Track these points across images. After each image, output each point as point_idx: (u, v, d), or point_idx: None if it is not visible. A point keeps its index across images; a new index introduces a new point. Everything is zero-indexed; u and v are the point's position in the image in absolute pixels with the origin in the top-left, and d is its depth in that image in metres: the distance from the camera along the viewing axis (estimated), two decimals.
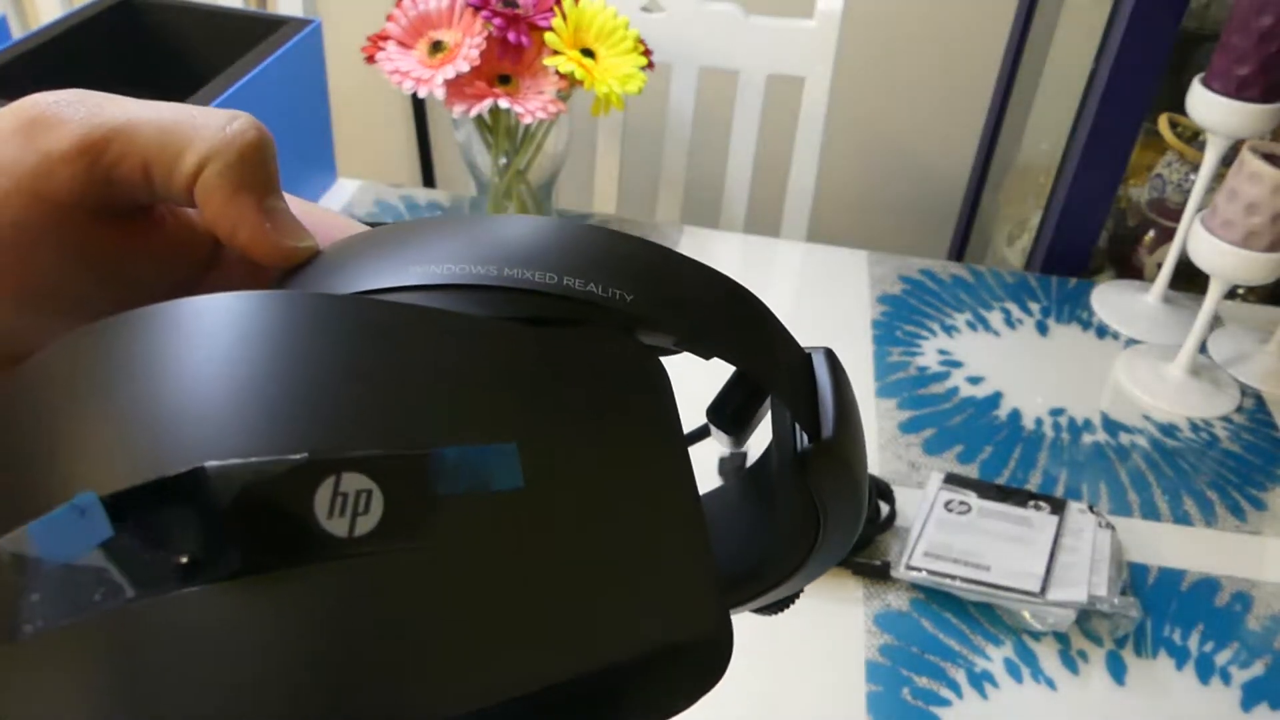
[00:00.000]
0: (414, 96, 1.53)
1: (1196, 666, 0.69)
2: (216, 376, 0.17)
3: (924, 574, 0.70)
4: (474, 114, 0.84)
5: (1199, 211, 0.90)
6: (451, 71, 0.84)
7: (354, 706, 0.15)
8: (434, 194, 1.13)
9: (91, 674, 0.15)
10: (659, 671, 0.21)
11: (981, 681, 0.67)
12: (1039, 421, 0.89)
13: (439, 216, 0.22)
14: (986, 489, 0.78)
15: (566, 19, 0.87)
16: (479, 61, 0.85)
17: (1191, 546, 0.78)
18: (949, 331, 0.98)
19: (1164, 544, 0.78)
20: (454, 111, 0.85)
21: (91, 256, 0.23)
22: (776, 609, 0.29)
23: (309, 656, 0.15)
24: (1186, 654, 0.70)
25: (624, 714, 0.21)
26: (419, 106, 1.84)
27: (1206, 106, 0.88)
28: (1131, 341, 0.99)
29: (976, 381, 0.93)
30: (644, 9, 1.16)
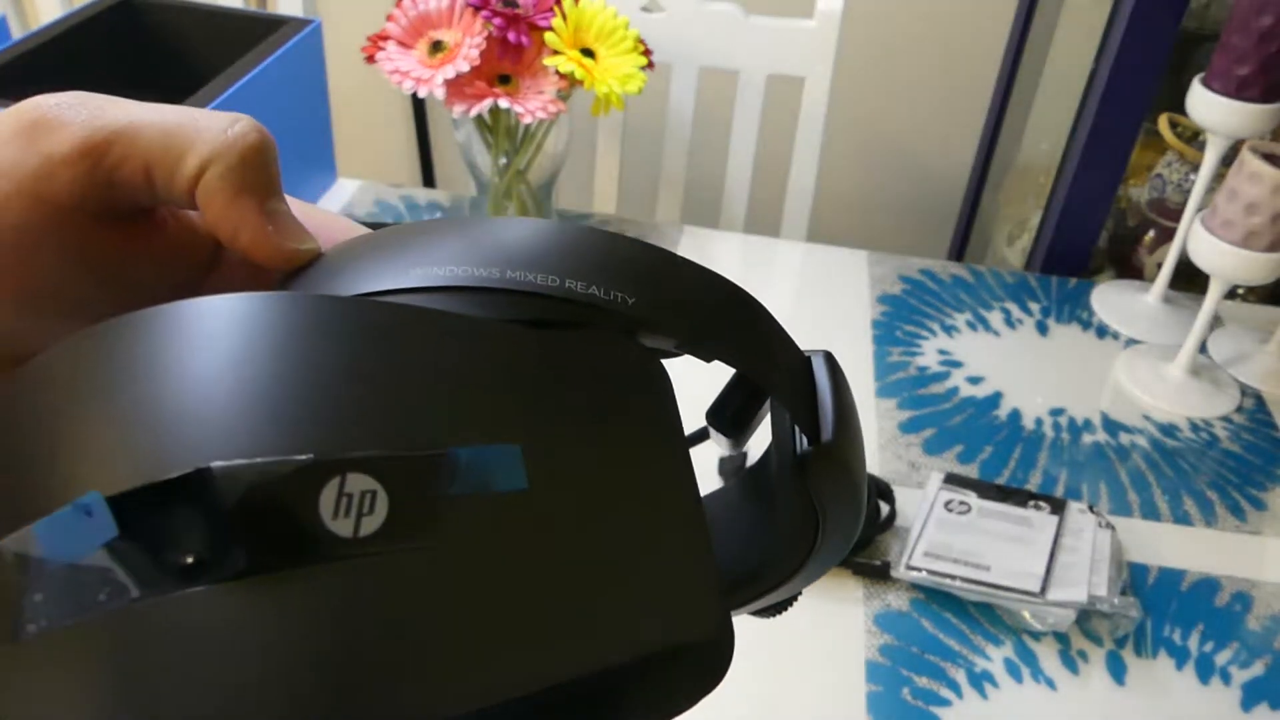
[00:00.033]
0: (414, 96, 1.53)
1: (1196, 666, 0.69)
2: (220, 377, 0.17)
3: (924, 574, 0.70)
4: (474, 114, 0.85)
5: (1199, 211, 0.90)
6: (451, 71, 0.84)
7: (357, 706, 0.15)
8: (434, 194, 1.13)
9: (95, 674, 0.15)
10: (660, 672, 0.21)
11: (981, 681, 0.67)
12: (1039, 421, 0.89)
13: (440, 219, 0.22)
14: (986, 489, 0.78)
15: (566, 19, 0.87)
16: (479, 61, 0.85)
17: (1191, 546, 0.78)
18: (949, 331, 0.98)
19: (1164, 544, 0.78)
20: (454, 111, 0.85)
21: (93, 259, 0.23)
22: (775, 611, 0.29)
23: (313, 657, 0.15)
24: (1186, 654, 0.70)
25: (625, 715, 0.21)
26: (419, 106, 1.84)
27: (1206, 106, 0.88)
28: (1131, 341, 0.99)
29: (976, 381, 0.93)
30: (644, 9, 1.16)
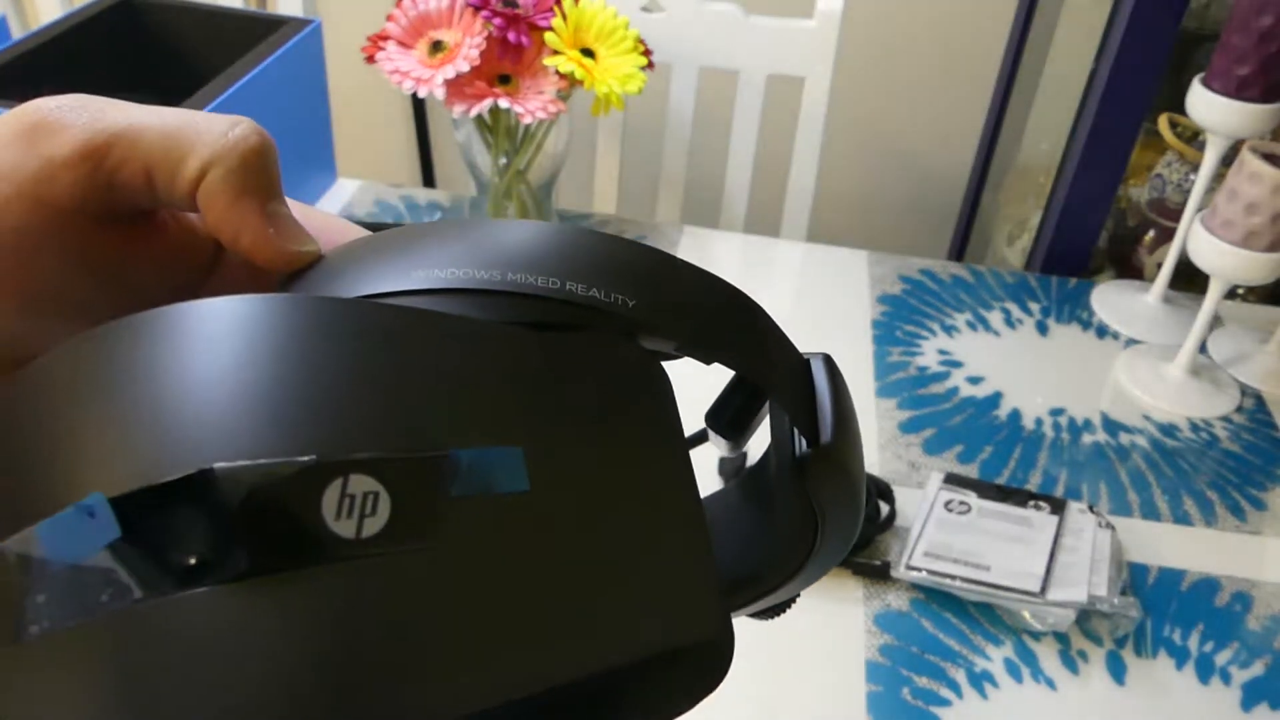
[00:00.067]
0: (414, 96, 1.53)
1: (1196, 666, 0.69)
2: (222, 379, 0.17)
3: (924, 574, 0.70)
4: (474, 114, 0.85)
5: (1199, 211, 0.90)
6: (451, 71, 0.84)
7: (359, 708, 0.15)
8: (434, 194, 1.13)
9: (97, 675, 0.15)
10: (660, 673, 0.21)
11: (981, 681, 0.67)
12: (1039, 421, 0.89)
13: (441, 221, 0.22)
14: (986, 489, 0.78)
15: (566, 19, 0.87)
16: (479, 61, 0.85)
17: (1191, 546, 0.78)
18: (949, 331, 0.98)
19: (1164, 544, 0.78)
20: (454, 111, 0.85)
21: (93, 261, 0.23)
22: (774, 613, 0.29)
23: (315, 658, 0.15)
24: (1186, 654, 0.70)
25: (625, 715, 0.21)
26: (419, 106, 1.84)
27: (1206, 106, 0.88)
28: (1131, 341, 0.99)
29: (976, 381, 0.93)
30: (644, 9, 1.16)
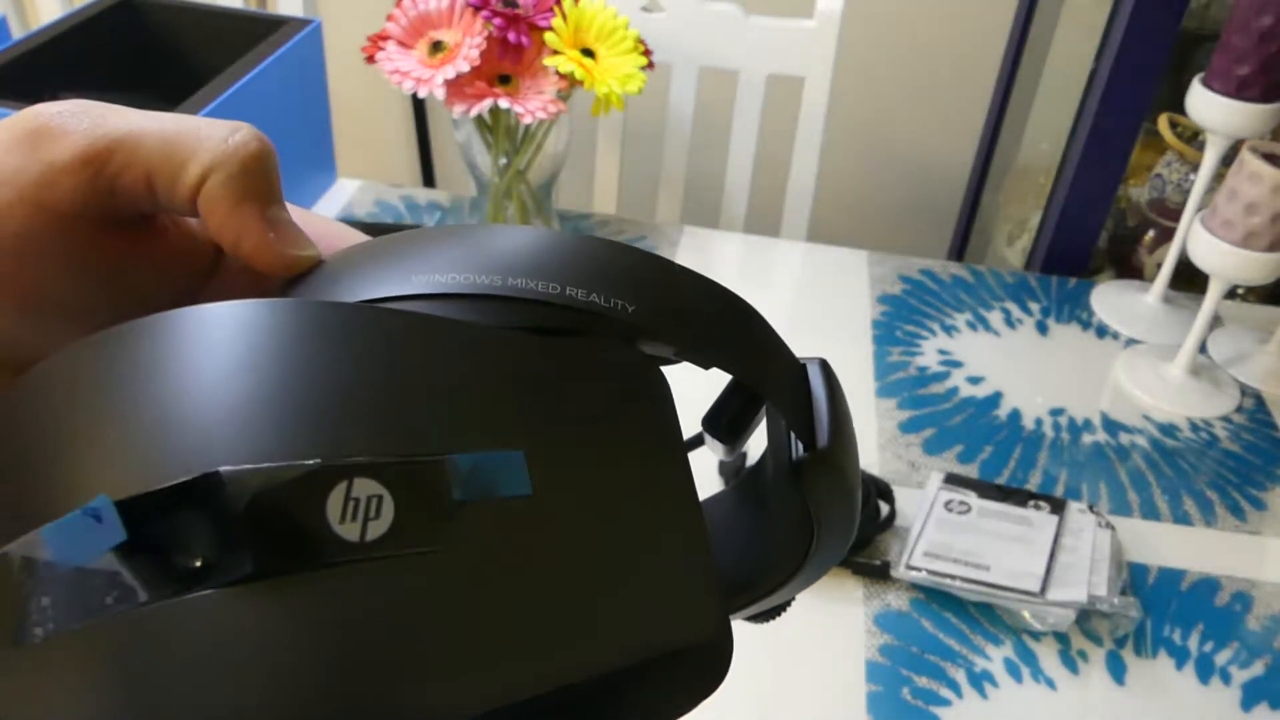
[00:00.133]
0: (414, 96, 1.53)
1: (1196, 666, 0.69)
2: (225, 383, 0.17)
3: (924, 574, 0.71)
4: (474, 114, 0.85)
5: (1199, 211, 0.90)
6: (451, 71, 0.84)
7: (363, 710, 0.15)
8: (434, 194, 1.13)
9: (101, 677, 0.15)
10: (660, 675, 0.21)
11: (981, 681, 0.67)
12: (1039, 421, 0.89)
13: (441, 226, 0.22)
14: (986, 489, 0.78)
15: (566, 19, 0.87)
16: (479, 61, 0.85)
17: (1191, 546, 0.78)
18: (949, 331, 0.98)
19: (1164, 544, 0.78)
20: (454, 111, 0.85)
21: (94, 266, 0.23)
22: (769, 616, 0.29)
23: (319, 660, 0.15)
24: (1186, 654, 0.70)
25: (626, 716, 0.21)
26: (419, 106, 1.84)
27: (1206, 106, 0.88)
28: (1131, 341, 1.00)
29: (976, 381, 0.93)
30: (644, 9, 1.16)
